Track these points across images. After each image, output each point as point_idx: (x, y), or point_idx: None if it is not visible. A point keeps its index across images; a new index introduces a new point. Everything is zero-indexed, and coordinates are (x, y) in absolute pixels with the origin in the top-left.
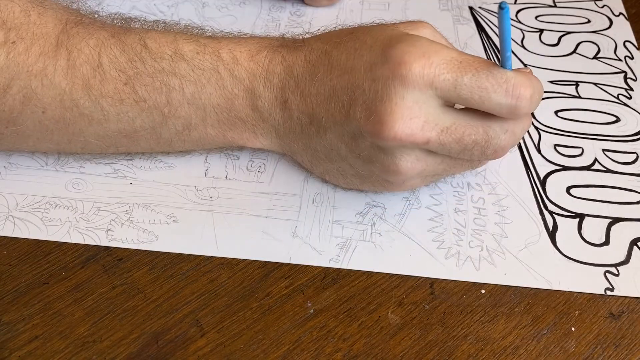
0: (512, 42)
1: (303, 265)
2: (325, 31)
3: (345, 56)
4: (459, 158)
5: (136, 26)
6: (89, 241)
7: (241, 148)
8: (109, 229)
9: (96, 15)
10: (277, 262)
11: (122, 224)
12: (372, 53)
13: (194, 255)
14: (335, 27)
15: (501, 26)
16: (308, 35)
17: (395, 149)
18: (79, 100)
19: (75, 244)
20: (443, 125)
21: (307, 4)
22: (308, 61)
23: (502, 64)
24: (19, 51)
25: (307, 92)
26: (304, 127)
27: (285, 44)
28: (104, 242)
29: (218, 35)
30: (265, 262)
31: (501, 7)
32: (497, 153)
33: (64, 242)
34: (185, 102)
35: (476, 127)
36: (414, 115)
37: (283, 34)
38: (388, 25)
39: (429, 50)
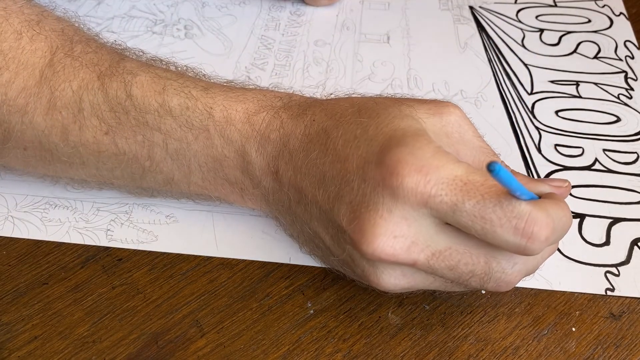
0: (513, 41)
1: (303, 265)
2: (338, 97)
3: (342, 142)
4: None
5: (131, 57)
6: (88, 241)
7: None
8: (108, 229)
9: (95, 38)
10: (277, 262)
11: (122, 224)
12: (369, 148)
13: (193, 255)
14: (351, 94)
15: (502, 183)
16: (320, 95)
17: (377, 262)
18: (57, 144)
19: (74, 244)
20: (435, 248)
21: (307, 4)
22: (306, 135)
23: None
24: (2, 82)
25: (299, 168)
26: (292, 203)
27: (289, 106)
28: (104, 243)
29: (215, 84)
30: (265, 262)
31: (490, 169)
32: (501, 287)
33: (64, 242)
34: (169, 157)
35: (476, 257)
36: (399, 234)
37: (292, 89)
38: (405, 107)
39: (428, 165)
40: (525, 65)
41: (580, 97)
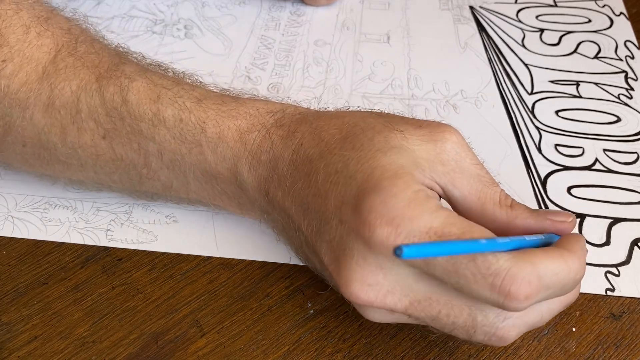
0: (513, 41)
1: (303, 265)
2: (336, 109)
3: (323, 175)
4: None
5: (132, 60)
6: (88, 241)
7: None
8: (108, 229)
9: (101, 39)
10: (277, 263)
11: (122, 224)
12: (347, 187)
13: (193, 255)
14: (348, 107)
15: (439, 255)
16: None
17: None
18: (56, 143)
19: (74, 244)
20: (414, 297)
21: (306, 4)
22: (293, 161)
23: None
24: (6, 74)
25: (287, 193)
26: (284, 226)
27: (281, 124)
28: (104, 243)
29: (210, 95)
30: (265, 262)
31: (396, 253)
32: (492, 342)
33: (64, 242)
34: (165, 167)
35: (458, 308)
36: (374, 282)
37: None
38: (395, 133)
39: (400, 216)
40: (526, 65)
41: (580, 97)
